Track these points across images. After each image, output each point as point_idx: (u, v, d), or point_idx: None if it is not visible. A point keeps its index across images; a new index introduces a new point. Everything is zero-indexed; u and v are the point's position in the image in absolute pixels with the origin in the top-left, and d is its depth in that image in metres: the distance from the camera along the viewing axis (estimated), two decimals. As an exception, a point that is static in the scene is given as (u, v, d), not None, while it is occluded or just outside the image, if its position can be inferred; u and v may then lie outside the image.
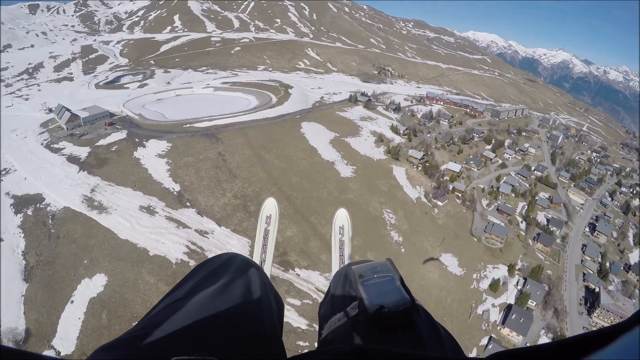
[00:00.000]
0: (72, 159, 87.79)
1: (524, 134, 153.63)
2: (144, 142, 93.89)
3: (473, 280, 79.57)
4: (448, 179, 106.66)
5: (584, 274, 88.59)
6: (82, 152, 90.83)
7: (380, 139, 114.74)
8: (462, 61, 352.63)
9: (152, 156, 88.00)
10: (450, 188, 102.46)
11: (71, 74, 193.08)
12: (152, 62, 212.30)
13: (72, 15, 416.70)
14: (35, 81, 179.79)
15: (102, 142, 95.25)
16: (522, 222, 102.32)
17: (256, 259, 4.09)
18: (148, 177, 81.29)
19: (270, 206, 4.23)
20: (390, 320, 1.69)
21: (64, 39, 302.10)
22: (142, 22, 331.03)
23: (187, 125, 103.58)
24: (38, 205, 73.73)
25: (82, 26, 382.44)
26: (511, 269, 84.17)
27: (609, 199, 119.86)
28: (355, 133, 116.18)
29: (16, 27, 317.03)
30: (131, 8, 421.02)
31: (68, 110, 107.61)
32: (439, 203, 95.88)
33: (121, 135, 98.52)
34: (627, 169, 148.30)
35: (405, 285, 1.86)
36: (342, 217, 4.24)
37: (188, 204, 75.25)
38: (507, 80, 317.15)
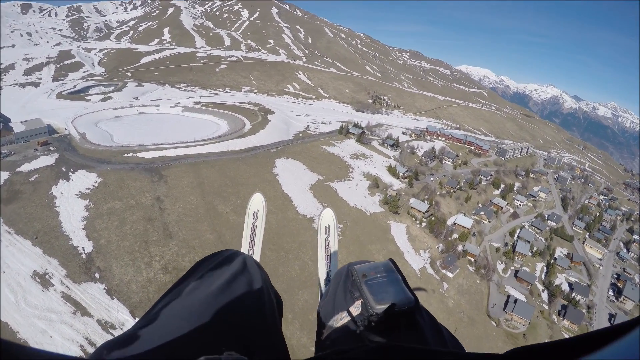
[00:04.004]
0: (-17, 189, 66.55)
1: (532, 175, 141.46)
2: (71, 173, 72.75)
3: (495, 389, 57.72)
4: (457, 237, 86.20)
5: (617, 355, 71.48)
6: (-1, 178, 69.96)
7: (375, 184, 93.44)
8: (459, 94, 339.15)
9: (72, 195, 66.52)
10: (461, 250, 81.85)
11: (40, 79, 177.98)
12: (128, 73, 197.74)
13: (63, 19, 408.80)
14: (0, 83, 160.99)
15: (25, 167, 74.92)
16: (543, 290, 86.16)
17: None
18: (56, 226, 59.47)
19: (257, 201, 4.10)
20: (396, 320, 1.72)
21: (48, 42, 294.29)
22: (131, 33, 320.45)
23: (130, 154, 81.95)
24: None
25: (70, 31, 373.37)
26: (540, 364, 63.96)
27: (625, 250, 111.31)
28: (345, 175, 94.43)
29: (2, 25, 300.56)
30: (124, 17, 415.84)
31: (4, 121, 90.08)
32: (449, 274, 74.48)
33: (50, 160, 78.30)
34: (636, 212, 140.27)
35: (408, 285, 1.88)
36: (327, 216, 3.96)
37: (97, 274, 52.66)
38: (505, 115, 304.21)
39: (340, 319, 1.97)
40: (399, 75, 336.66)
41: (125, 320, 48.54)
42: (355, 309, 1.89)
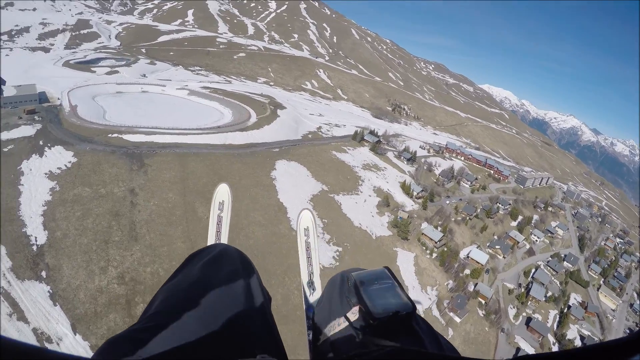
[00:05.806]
0: (-47, 157, 59.56)
1: (550, 209, 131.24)
2: (46, 149, 64.91)
3: None
4: (469, 273, 76.61)
5: None
6: (-28, 147, 62.81)
7: (386, 202, 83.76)
8: (480, 113, 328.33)
9: (41, 173, 58.53)
10: (472, 289, 72.32)
11: (52, 45, 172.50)
12: (143, 50, 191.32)
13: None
14: (12, 45, 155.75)
15: (3, 134, 67.03)
16: (554, 344, 78.20)
17: None
18: (14, 207, 51.68)
19: (223, 192, 4.04)
20: (395, 325, 1.75)
21: (70, 10, 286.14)
22: (155, 10, 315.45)
23: (115, 135, 73.20)
24: None
25: (95, 2, 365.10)
26: None
27: (639, 302, 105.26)
28: (353, 188, 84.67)
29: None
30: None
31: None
32: (457, 319, 65.15)
33: (30, 130, 70.60)
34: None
35: (405, 291, 1.89)
36: (306, 218, 4.00)
37: (44, 273, 44.47)
38: (525, 140, 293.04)
39: (338, 325, 1.99)
40: (422, 86, 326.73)
41: (64, 334, 40.16)
42: (353, 314, 1.91)
